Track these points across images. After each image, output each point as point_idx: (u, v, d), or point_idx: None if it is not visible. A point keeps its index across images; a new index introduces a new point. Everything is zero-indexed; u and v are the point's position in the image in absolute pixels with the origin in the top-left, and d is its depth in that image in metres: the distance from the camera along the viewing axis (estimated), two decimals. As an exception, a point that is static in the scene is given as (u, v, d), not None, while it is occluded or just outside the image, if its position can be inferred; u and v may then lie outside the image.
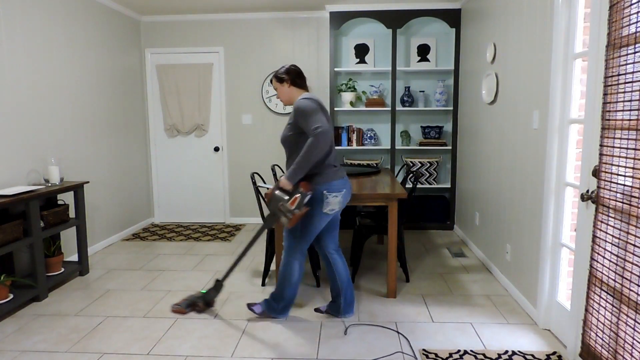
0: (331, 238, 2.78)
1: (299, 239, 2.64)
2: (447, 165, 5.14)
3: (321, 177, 2.51)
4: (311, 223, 2.58)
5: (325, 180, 2.50)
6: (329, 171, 2.53)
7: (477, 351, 2.41)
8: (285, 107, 5.22)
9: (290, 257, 2.68)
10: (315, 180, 2.51)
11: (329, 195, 2.51)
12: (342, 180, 2.56)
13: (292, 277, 2.69)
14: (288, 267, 2.69)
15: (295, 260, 2.68)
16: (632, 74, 1.77)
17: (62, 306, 3.05)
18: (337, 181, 2.53)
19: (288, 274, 2.69)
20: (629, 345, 1.78)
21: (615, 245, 1.88)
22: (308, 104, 2.44)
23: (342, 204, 2.61)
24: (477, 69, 4.10)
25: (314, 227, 2.60)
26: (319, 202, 2.52)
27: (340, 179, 2.56)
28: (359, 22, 5.04)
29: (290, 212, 2.43)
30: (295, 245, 2.66)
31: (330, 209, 2.54)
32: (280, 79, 2.62)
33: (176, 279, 3.57)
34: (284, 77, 2.61)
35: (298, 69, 2.65)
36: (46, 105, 3.63)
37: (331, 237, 2.78)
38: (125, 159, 4.89)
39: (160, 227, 5.28)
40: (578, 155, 2.45)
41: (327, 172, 2.52)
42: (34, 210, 3.04)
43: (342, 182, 2.56)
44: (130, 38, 5.00)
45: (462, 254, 4.13)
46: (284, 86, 2.63)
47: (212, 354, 2.42)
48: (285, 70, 2.63)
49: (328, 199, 2.51)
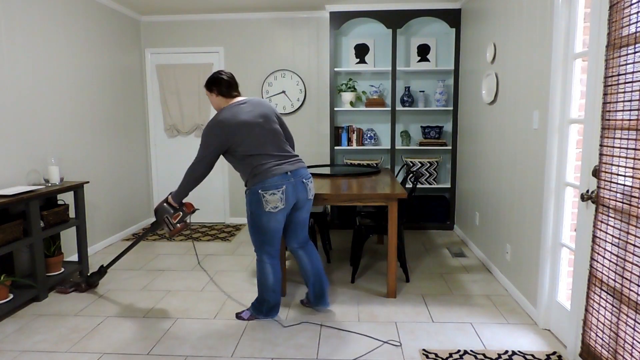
0: (294, 236, 2.83)
1: (256, 240, 2.69)
2: (447, 165, 5.14)
3: (255, 177, 2.56)
4: (260, 223, 2.61)
5: (258, 180, 2.54)
6: (261, 171, 2.56)
7: (477, 351, 2.41)
8: (285, 108, 5.23)
9: (259, 258, 2.75)
10: (251, 182, 2.58)
11: (265, 193, 2.53)
12: (280, 177, 2.55)
13: (266, 280, 2.73)
14: (260, 270, 2.75)
15: (264, 262, 2.72)
16: (632, 74, 1.77)
17: (62, 306, 3.05)
18: (273, 178, 2.54)
19: (262, 278, 2.74)
20: (629, 345, 1.78)
21: (615, 245, 1.88)
22: (207, 131, 2.57)
23: (289, 201, 2.60)
24: (477, 69, 4.10)
25: (264, 227, 2.61)
26: (259, 202, 2.55)
27: (278, 176, 2.55)
28: (359, 22, 5.04)
29: (172, 225, 2.79)
30: (258, 245, 2.71)
31: (273, 207, 2.55)
32: (209, 89, 2.69)
33: (176, 279, 3.57)
34: (211, 88, 2.67)
35: (222, 78, 2.66)
36: (46, 105, 3.63)
37: (294, 235, 2.82)
38: (125, 159, 4.89)
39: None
40: (578, 155, 2.45)
41: (259, 172, 2.56)
42: (34, 210, 3.04)
43: (279, 178, 2.55)
44: (130, 38, 5.00)
45: (462, 254, 4.13)
46: (212, 95, 2.69)
47: (212, 354, 2.42)
48: (211, 80, 2.67)
49: (265, 197, 2.53)
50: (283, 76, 5.20)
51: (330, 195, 3.04)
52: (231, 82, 2.69)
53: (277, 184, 2.53)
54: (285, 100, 5.22)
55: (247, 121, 2.57)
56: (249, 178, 2.60)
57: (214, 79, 2.67)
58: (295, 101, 5.22)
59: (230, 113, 2.57)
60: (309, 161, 5.34)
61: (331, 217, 5.14)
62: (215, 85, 2.66)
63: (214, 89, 2.67)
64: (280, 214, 2.60)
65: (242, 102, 2.65)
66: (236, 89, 2.72)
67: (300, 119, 5.27)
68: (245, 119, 2.57)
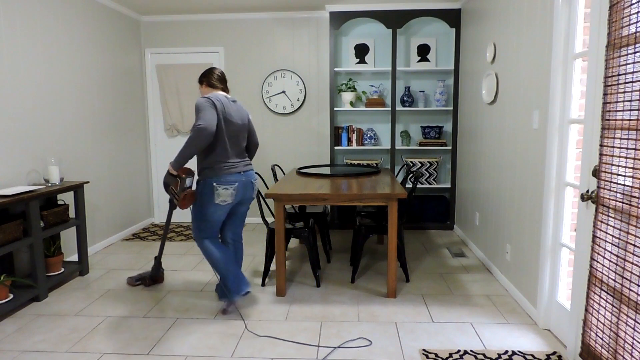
0: (232, 229, 3.04)
1: (200, 225, 2.84)
2: (447, 165, 5.14)
3: (212, 171, 2.74)
4: (205, 211, 2.79)
5: (215, 174, 2.73)
6: (220, 166, 2.74)
7: (477, 351, 2.41)
8: (285, 108, 5.23)
9: (199, 244, 2.89)
10: (206, 173, 2.75)
11: (218, 187, 2.72)
12: (235, 175, 2.79)
13: (212, 255, 2.86)
14: (206, 252, 2.88)
15: (205, 244, 2.86)
16: (632, 74, 1.77)
17: (62, 306, 3.05)
18: (230, 176, 2.76)
19: (208, 255, 2.87)
20: (629, 345, 1.78)
21: (615, 245, 1.88)
22: (201, 102, 2.68)
23: (237, 197, 2.82)
24: (477, 69, 4.10)
25: (208, 215, 2.79)
26: (210, 193, 2.74)
27: (234, 174, 2.78)
28: (359, 22, 5.04)
29: (177, 194, 2.74)
30: (200, 232, 2.86)
31: (222, 200, 2.75)
32: (200, 81, 2.93)
33: (176, 279, 3.57)
34: (202, 80, 2.91)
35: (214, 71, 2.90)
36: (46, 105, 3.63)
37: (232, 227, 3.04)
38: (125, 159, 4.89)
39: (160, 227, 5.28)
40: (578, 155, 2.45)
41: (218, 167, 2.74)
42: (34, 210, 3.04)
43: (235, 177, 2.78)
44: (130, 38, 5.00)
45: (462, 254, 4.13)
46: (202, 87, 2.92)
47: (212, 354, 2.42)
48: (203, 73, 2.92)
49: (218, 191, 2.73)
50: (283, 76, 5.20)
51: (330, 195, 3.04)
52: (221, 77, 2.92)
53: (231, 181, 2.76)
54: (285, 100, 5.23)
55: (231, 116, 2.78)
56: (206, 168, 2.76)
57: (206, 71, 2.91)
58: (295, 101, 5.22)
59: (220, 102, 2.74)
60: (309, 161, 5.34)
61: (331, 217, 5.14)
62: (205, 77, 2.89)
63: (204, 81, 2.89)
64: (226, 208, 2.81)
65: (232, 100, 2.87)
66: (225, 84, 2.93)
67: (300, 119, 5.27)
68: (230, 114, 2.78)
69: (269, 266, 3.39)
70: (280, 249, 3.15)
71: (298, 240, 4.63)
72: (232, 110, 2.80)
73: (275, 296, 3.20)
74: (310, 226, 3.41)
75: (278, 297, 3.18)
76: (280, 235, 3.14)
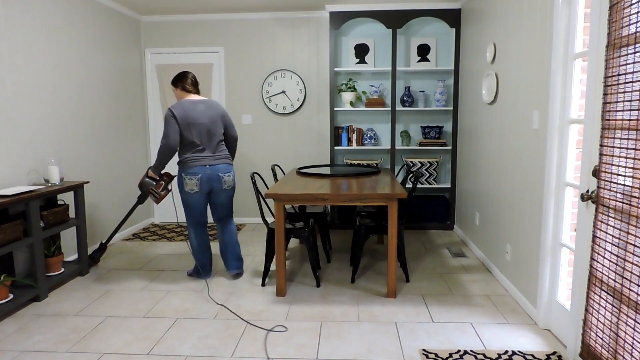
0: (214, 213, 3.54)
1: (185, 211, 3.44)
2: (447, 165, 5.14)
3: (181, 164, 3.32)
4: (183, 199, 3.38)
5: (183, 167, 3.31)
6: (186, 161, 3.29)
7: (477, 351, 2.41)
8: (285, 108, 5.23)
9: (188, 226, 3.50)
10: (179, 166, 3.34)
11: (185, 177, 3.29)
12: (199, 168, 3.29)
13: (191, 243, 3.50)
14: (189, 237, 3.53)
15: (190, 231, 3.50)
16: (632, 74, 1.77)
17: (62, 306, 3.05)
18: (195, 168, 3.28)
19: (190, 243, 3.53)
20: (629, 345, 1.78)
21: (615, 245, 1.88)
22: (166, 116, 3.22)
23: (202, 187, 3.32)
24: (477, 69, 4.10)
25: (186, 202, 3.37)
26: (182, 183, 3.33)
27: (199, 167, 3.29)
28: (359, 22, 5.04)
29: (158, 193, 3.41)
30: (186, 219, 3.47)
31: (190, 189, 3.30)
32: (175, 84, 3.37)
33: (176, 279, 3.57)
34: (177, 83, 3.36)
35: (187, 76, 3.36)
36: (46, 105, 3.63)
37: (214, 212, 3.54)
38: (125, 159, 4.89)
39: (160, 227, 5.28)
40: (578, 155, 2.45)
41: (185, 161, 3.29)
42: (34, 210, 3.04)
43: (199, 169, 3.29)
44: (130, 38, 5.00)
45: (462, 254, 4.13)
46: (177, 90, 3.37)
47: (212, 354, 2.42)
48: (177, 77, 3.36)
49: (185, 180, 3.29)
50: (283, 76, 5.20)
51: (330, 195, 3.04)
52: (194, 82, 3.40)
53: (195, 173, 3.28)
54: (285, 100, 5.23)
55: (194, 119, 3.25)
56: (178, 162, 3.34)
57: (180, 75, 3.35)
58: (295, 101, 5.22)
59: (182, 110, 3.23)
60: (309, 161, 5.34)
61: (331, 217, 5.14)
62: (180, 81, 3.35)
63: (179, 84, 3.35)
64: (196, 196, 3.33)
65: (199, 101, 3.30)
66: (197, 88, 3.41)
67: (300, 119, 5.27)
68: (193, 117, 3.25)
69: (269, 266, 3.39)
70: (280, 249, 3.15)
71: (298, 240, 4.63)
72: (197, 112, 3.26)
73: (275, 296, 3.20)
74: (310, 226, 3.41)
75: (278, 297, 3.18)
76: (280, 235, 3.14)
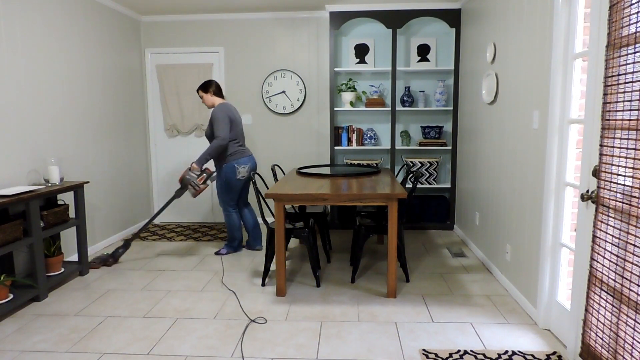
0: (242, 199, 4.20)
1: (227, 198, 4.02)
2: (447, 165, 5.14)
3: (233, 156, 3.91)
4: (232, 186, 3.95)
5: (236, 158, 3.92)
6: (237, 152, 3.93)
7: (477, 351, 2.41)
8: (285, 108, 5.23)
9: (227, 210, 4.08)
10: (229, 158, 3.90)
11: (238, 166, 3.91)
12: (247, 158, 3.98)
13: (233, 222, 4.09)
14: (229, 217, 4.09)
15: (230, 212, 4.08)
16: (632, 74, 1.77)
17: (62, 306, 3.05)
18: (244, 158, 3.95)
19: (231, 221, 4.10)
20: (629, 345, 1.78)
21: (615, 245, 1.88)
22: (219, 115, 3.79)
23: (249, 172, 3.98)
24: (477, 69, 4.10)
25: (234, 188, 3.96)
26: (234, 172, 3.91)
27: (246, 157, 3.97)
28: (359, 22, 5.04)
29: (198, 186, 3.84)
30: (226, 203, 4.05)
31: (242, 176, 3.94)
32: (205, 90, 3.96)
33: (176, 279, 3.57)
34: (207, 89, 3.95)
35: (217, 84, 4.01)
36: (46, 105, 3.63)
37: (242, 198, 4.20)
38: (126, 159, 4.89)
39: (160, 227, 5.28)
40: (578, 155, 2.45)
41: (237, 152, 3.93)
42: (34, 210, 3.04)
43: (247, 159, 3.98)
44: (130, 38, 5.00)
45: (462, 254, 4.13)
46: (208, 95, 3.96)
47: (212, 354, 2.42)
48: (208, 83, 3.96)
49: (238, 169, 3.91)
50: (283, 76, 5.20)
51: (330, 195, 3.04)
52: (220, 87, 4.03)
53: (245, 162, 3.96)
54: (285, 100, 5.23)
55: (236, 118, 3.94)
56: (226, 155, 3.89)
57: (211, 82, 3.98)
58: (295, 101, 5.22)
59: (230, 111, 3.87)
60: (309, 161, 5.34)
61: (331, 217, 5.14)
62: (211, 87, 3.97)
63: (211, 90, 3.96)
64: (243, 181, 3.98)
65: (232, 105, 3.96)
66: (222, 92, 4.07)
67: (300, 119, 5.27)
68: (235, 117, 3.93)
69: (269, 266, 3.39)
70: (280, 249, 3.15)
71: (298, 240, 4.63)
72: (236, 113, 3.96)
73: (275, 296, 3.20)
74: (310, 226, 3.41)
75: (278, 297, 3.18)
76: (280, 235, 3.14)
